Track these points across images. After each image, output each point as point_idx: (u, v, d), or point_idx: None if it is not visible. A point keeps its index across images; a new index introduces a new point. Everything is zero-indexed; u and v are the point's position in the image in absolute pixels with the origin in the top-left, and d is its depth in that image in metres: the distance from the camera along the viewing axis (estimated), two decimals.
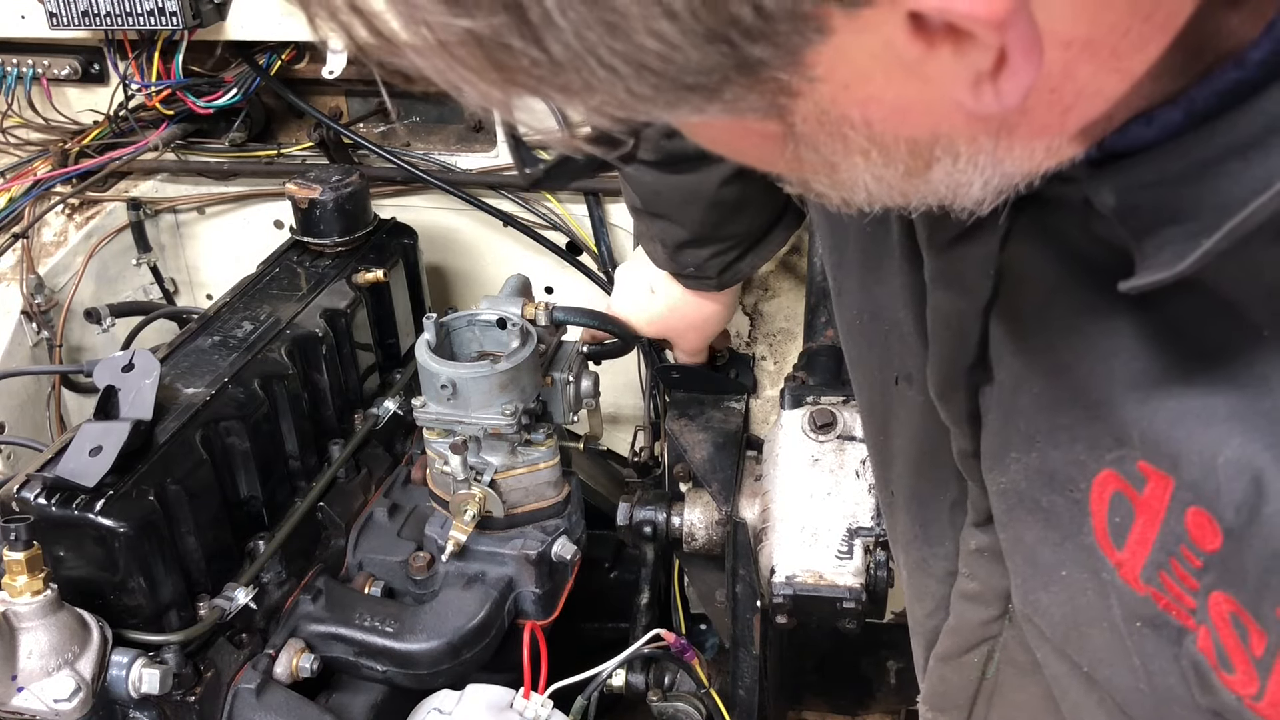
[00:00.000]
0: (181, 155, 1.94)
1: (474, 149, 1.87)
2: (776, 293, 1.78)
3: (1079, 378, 0.59)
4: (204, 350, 1.42)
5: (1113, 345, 0.57)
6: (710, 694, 1.44)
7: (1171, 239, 0.49)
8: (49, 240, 1.92)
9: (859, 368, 0.87)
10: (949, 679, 0.86)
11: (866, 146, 0.47)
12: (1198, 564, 0.53)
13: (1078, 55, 0.45)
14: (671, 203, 1.29)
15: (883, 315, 0.78)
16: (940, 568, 0.83)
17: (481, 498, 1.36)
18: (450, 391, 1.32)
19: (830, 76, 0.43)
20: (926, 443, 0.78)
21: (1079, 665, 0.68)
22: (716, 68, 0.41)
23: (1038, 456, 0.64)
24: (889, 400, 0.81)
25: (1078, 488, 0.61)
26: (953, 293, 0.66)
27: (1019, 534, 0.69)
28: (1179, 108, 0.49)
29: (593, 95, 0.42)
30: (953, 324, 0.67)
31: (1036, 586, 0.69)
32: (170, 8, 1.66)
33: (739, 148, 0.54)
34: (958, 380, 0.69)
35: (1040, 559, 0.67)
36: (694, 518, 1.43)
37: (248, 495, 1.37)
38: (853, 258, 0.80)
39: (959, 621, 0.83)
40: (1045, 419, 0.63)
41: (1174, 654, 0.57)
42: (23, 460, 1.68)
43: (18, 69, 1.89)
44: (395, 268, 1.72)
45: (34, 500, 1.16)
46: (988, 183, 0.50)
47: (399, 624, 1.37)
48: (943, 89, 0.44)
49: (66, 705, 1.10)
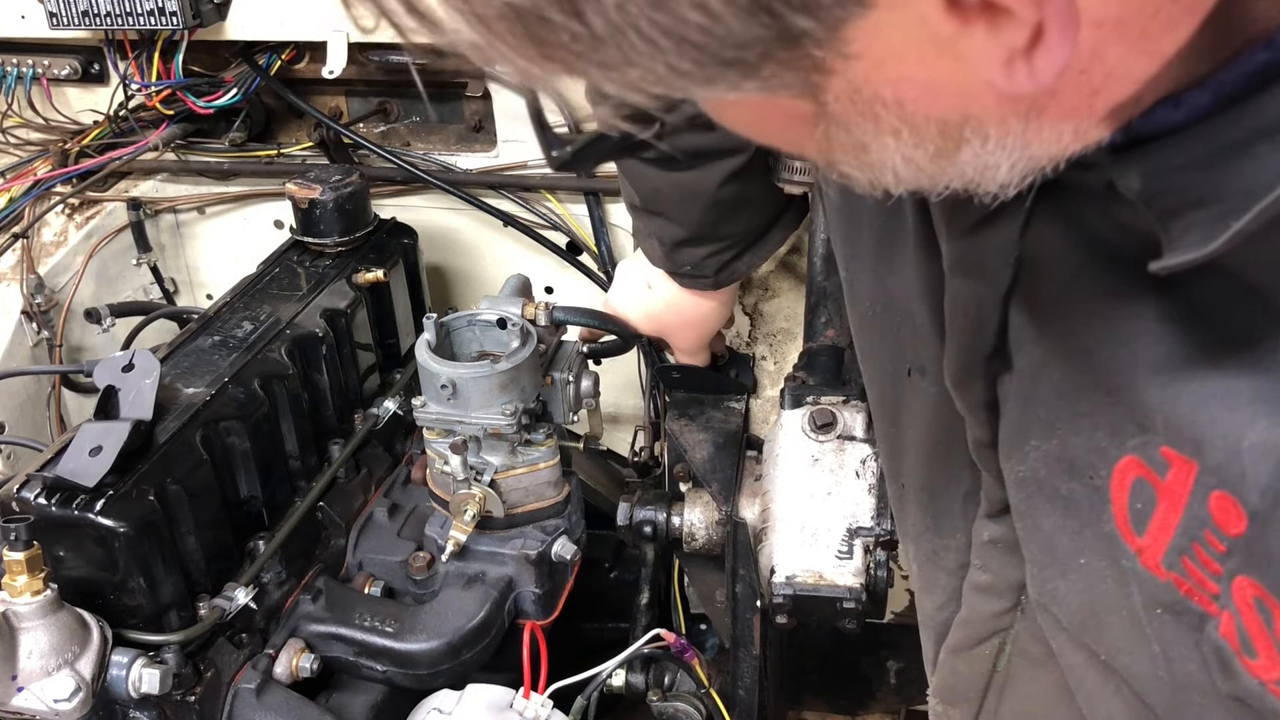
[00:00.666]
0: (181, 155, 1.94)
1: (474, 149, 1.87)
2: (776, 293, 1.78)
3: (1101, 363, 0.59)
4: (204, 350, 1.42)
5: (1136, 329, 0.57)
6: (710, 694, 1.44)
7: (1198, 222, 0.48)
8: (49, 240, 1.92)
9: (871, 360, 0.87)
10: (960, 671, 0.86)
11: (897, 126, 0.47)
12: (1221, 549, 0.53)
13: (1108, 35, 0.45)
14: (670, 200, 1.28)
15: (896, 306, 0.78)
16: (952, 560, 0.83)
17: (481, 498, 1.36)
18: (450, 391, 1.32)
19: (865, 53, 0.43)
20: (939, 434, 0.78)
21: (1096, 654, 0.68)
22: (757, 41, 0.41)
23: (1058, 444, 0.64)
24: (901, 392, 0.81)
25: (1098, 474, 0.61)
26: (971, 280, 0.66)
27: (1037, 522, 0.69)
28: (1207, 90, 0.49)
29: (631, 70, 0.42)
30: (971, 312, 0.67)
31: (1054, 575, 0.69)
32: (170, 8, 1.66)
33: (767, 129, 0.54)
34: (976, 369, 0.69)
35: (1058, 547, 0.67)
36: (694, 518, 1.43)
37: (248, 495, 1.37)
38: (866, 249, 0.80)
39: (970, 613, 0.82)
40: (1066, 406, 0.63)
41: (1195, 640, 0.57)
42: (23, 460, 1.68)
43: (18, 69, 1.89)
44: (395, 268, 1.72)
45: (34, 500, 1.16)
46: (1014, 166, 0.50)
47: (399, 624, 1.37)
48: (975, 68, 0.44)
49: (66, 705, 1.10)
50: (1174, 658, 0.59)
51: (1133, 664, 0.64)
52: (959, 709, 0.89)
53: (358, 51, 1.75)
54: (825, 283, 1.54)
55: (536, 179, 1.81)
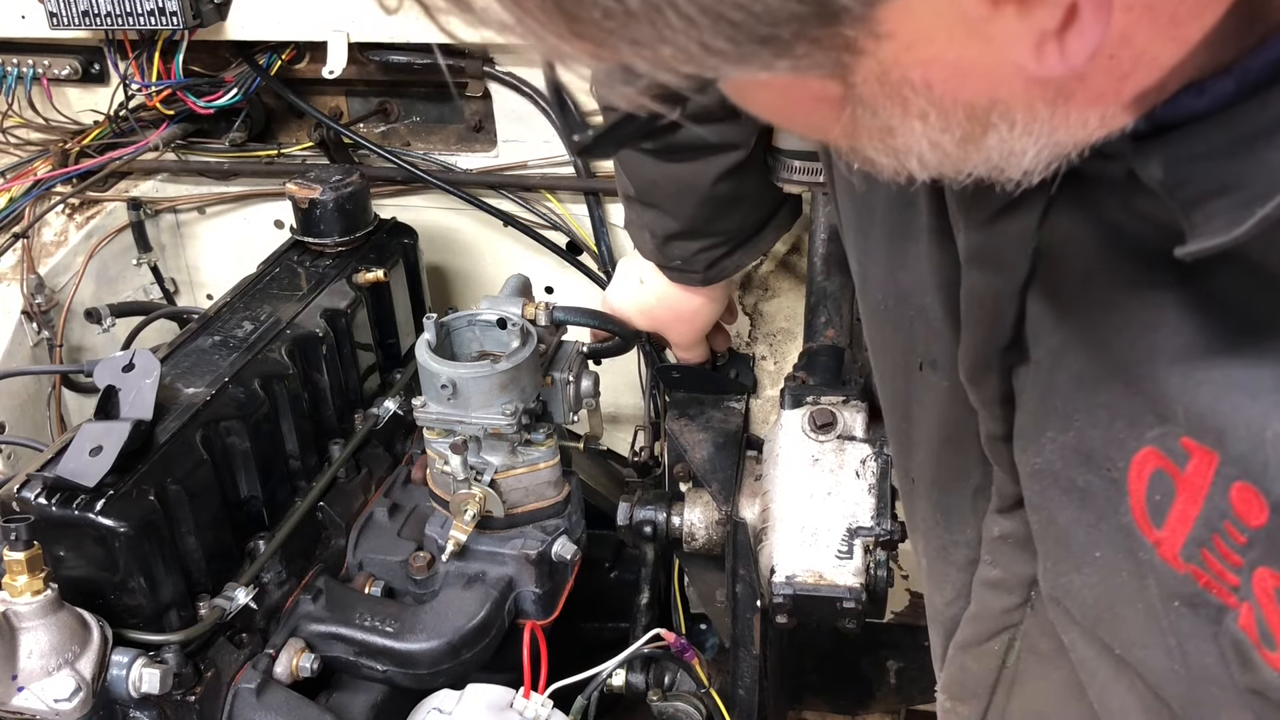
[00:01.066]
0: (182, 155, 1.94)
1: (474, 149, 1.87)
2: (776, 293, 1.78)
3: (1120, 353, 0.59)
4: (204, 350, 1.42)
5: (1156, 319, 0.57)
6: (710, 694, 1.44)
7: (1222, 209, 0.48)
8: (49, 240, 1.92)
9: (882, 354, 0.87)
10: (969, 668, 0.86)
11: (925, 109, 0.47)
12: (1242, 540, 0.53)
13: (1138, 19, 0.45)
14: (666, 193, 1.28)
15: (909, 300, 0.78)
16: (961, 555, 0.83)
17: (481, 497, 1.36)
18: (450, 391, 1.32)
19: (896, 34, 0.43)
20: (950, 429, 0.78)
21: (1110, 648, 0.67)
22: (794, 18, 0.41)
23: (1075, 435, 0.64)
24: (912, 386, 0.81)
25: (1115, 466, 0.60)
26: (989, 272, 0.66)
27: (1052, 516, 0.68)
28: (1231, 77, 0.49)
29: (663, 48, 0.42)
30: (988, 304, 0.67)
31: (1068, 569, 0.68)
32: (170, 8, 1.66)
33: (793, 113, 0.53)
34: (991, 362, 0.69)
35: (1073, 540, 0.66)
36: (694, 518, 1.43)
37: (248, 495, 1.37)
38: (879, 242, 0.80)
39: (980, 609, 0.82)
40: (1084, 397, 0.63)
41: (1212, 633, 0.56)
42: (23, 460, 1.68)
43: (18, 69, 1.89)
44: (395, 268, 1.72)
45: (34, 500, 1.16)
46: (1040, 152, 0.50)
47: (399, 624, 1.37)
48: (1004, 51, 0.44)
49: (67, 705, 1.10)
50: (1190, 651, 0.59)
51: (1148, 658, 0.64)
52: (968, 705, 0.89)
53: (358, 51, 1.75)
54: (825, 283, 1.54)
55: (536, 179, 1.81)
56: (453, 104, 1.87)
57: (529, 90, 1.75)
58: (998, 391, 0.70)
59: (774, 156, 1.35)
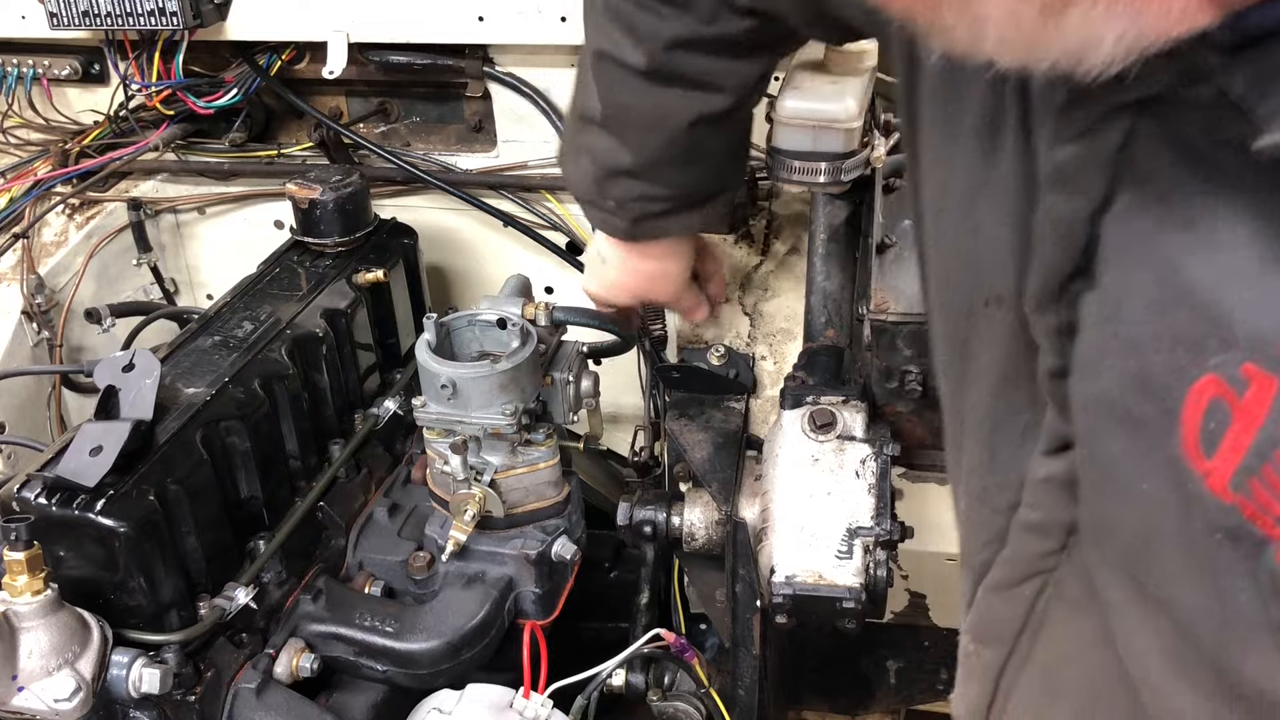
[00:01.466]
0: (182, 155, 1.94)
1: (474, 149, 1.87)
2: (776, 293, 1.78)
3: (1190, 278, 0.59)
4: (204, 350, 1.42)
5: (1228, 239, 0.56)
6: (710, 694, 1.44)
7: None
8: (49, 240, 1.92)
9: (946, 288, 0.86)
10: (997, 609, 0.85)
11: None
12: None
13: None
14: (636, 121, 1.20)
15: (982, 232, 0.77)
16: (1002, 499, 0.82)
17: (481, 497, 1.36)
18: (450, 391, 1.32)
19: None
20: (1008, 366, 0.78)
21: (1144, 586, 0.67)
22: None
23: (1135, 363, 0.63)
24: (975, 322, 0.81)
25: (1171, 396, 0.60)
26: (1066, 193, 0.66)
27: (1103, 446, 0.68)
28: None
29: None
30: (1061, 228, 0.67)
31: (1113, 502, 0.68)
32: (170, 8, 1.66)
33: None
34: (1059, 289, 0.69)
35: (1121, 472, 0.66)
36: (694, 518, 1.43)
37: (248, 495, 1.37)
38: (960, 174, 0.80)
39: (1015, 552, 0.82)
40: (1149, 326, 0.62)
41: (1250, 569, 0.56)
42: (23, 460, 1.68)
43: (18, 69, 1.89)
44: (395, 268, 1.72)
45: (34, 500, 1.16)
46: (1121, 38, 0.49)
47: (399, 624, 1.37)
48: None
49: (67, 705, 1.10)
50: (1225, 588, 0.59)
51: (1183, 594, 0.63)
52: (991, 649, 0.88)
53: (358, 51, 1.75)
54: (825, 283, 1.54)
55: (536, 179, 1.81)
56: (453, 104, 1.88)
57: (529, 90, 1.75)
58: (1061, 321, 0.70)
59: (774, 156, 1.35)
